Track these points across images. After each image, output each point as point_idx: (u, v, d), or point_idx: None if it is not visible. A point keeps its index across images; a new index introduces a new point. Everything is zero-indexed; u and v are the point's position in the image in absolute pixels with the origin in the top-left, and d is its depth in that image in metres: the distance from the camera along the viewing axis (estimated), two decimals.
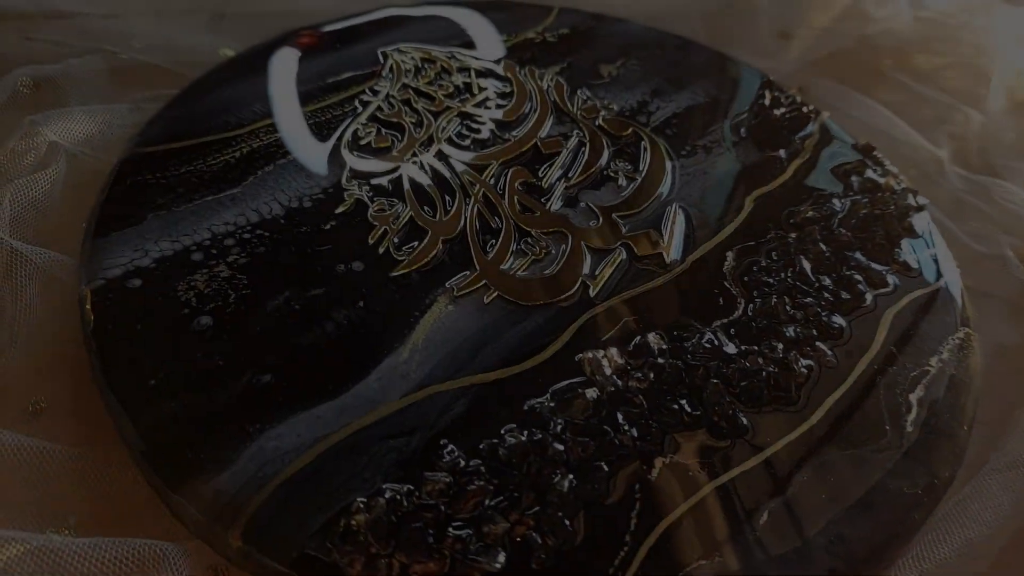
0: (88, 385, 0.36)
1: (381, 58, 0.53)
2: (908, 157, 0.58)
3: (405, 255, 0.40)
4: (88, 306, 0.36)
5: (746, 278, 0.42)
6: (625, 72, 0.56)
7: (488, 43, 0.57)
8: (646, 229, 0.44)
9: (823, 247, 0.44)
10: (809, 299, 0.41)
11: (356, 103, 0.49)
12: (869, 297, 0.42)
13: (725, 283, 0.42)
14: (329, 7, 0.60)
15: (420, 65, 0.53)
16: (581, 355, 0.36)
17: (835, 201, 0.47)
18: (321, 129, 0.47)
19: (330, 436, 0.33)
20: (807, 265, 0.43)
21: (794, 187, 0.48)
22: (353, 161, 0.45)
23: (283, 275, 0.38)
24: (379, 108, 0.49)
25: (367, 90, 0.50)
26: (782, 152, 0.50)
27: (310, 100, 0.49)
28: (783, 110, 0.51)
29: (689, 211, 0.45)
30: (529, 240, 0.42)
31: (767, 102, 0.52)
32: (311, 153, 0.45)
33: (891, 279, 0.43)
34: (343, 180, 0.44)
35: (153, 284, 0.37)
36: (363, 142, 0.46)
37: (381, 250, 0.40)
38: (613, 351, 0.37)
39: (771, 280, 0.42)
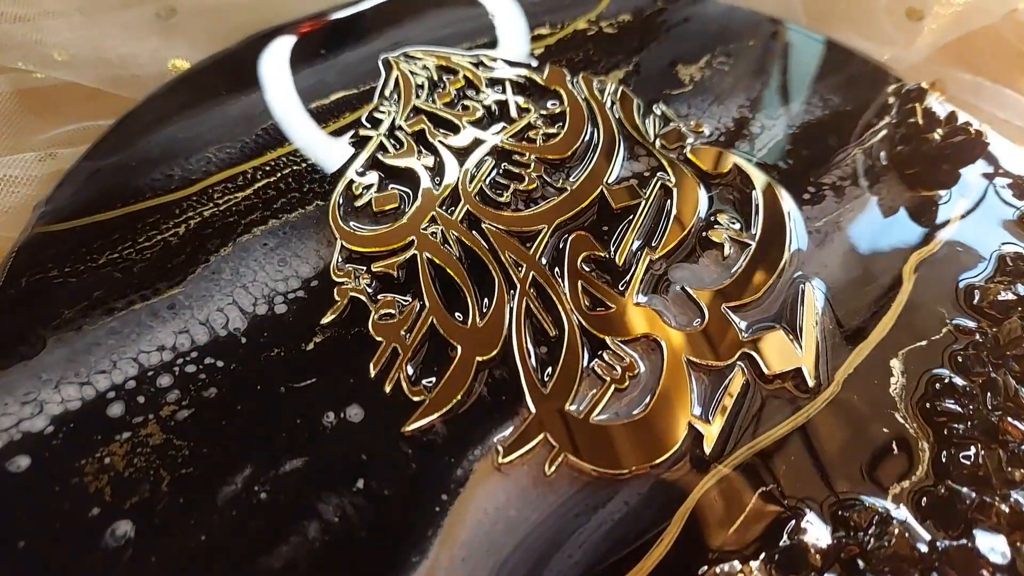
0: None
1: (382, 69, 0.39)
2: None
3: (424, 392, 0.27)
4: None
5: (927, 405, 0.29)
6: (712, 75, 0.41)
7: (524, 39, 0.42)
8: (773, 326, 0.30)
9: None
10: None
11: (348, 139, 0.36)
12: None
13: (897, 416, 0.28)
14: None
15: (436, 78, 0.39)
16: (706, 569, 0.24)
17: None
18: (300, 183, 0.34)
19: None
20: (1013, 382, 0.29)
21: (966, 247, 0.34)
22: (346, 235, 0.31)
23: (243, 437, 0.26)
24: (381, 147, 0.35)
25: (363, 119, 0.37)
26: (942, 193, 0.36)
27: (283, 139, 0.35)
28: (941, 131, 0.37)
29: (828, 292, 0.32)
30: (605, 356, 0.29)
31: (919, 119, 0.37)
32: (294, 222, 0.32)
33: None
34: (333, 266, 0.30)
35: (48, 464, 0.24)
36: (360, 203, 0.33)
37: (388, 386, 0.27)
38: (754, 567, 0.24)
39: (964, 409, 0.28)
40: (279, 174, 0.34)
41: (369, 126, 0.36)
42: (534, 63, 0.41)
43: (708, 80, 0.41)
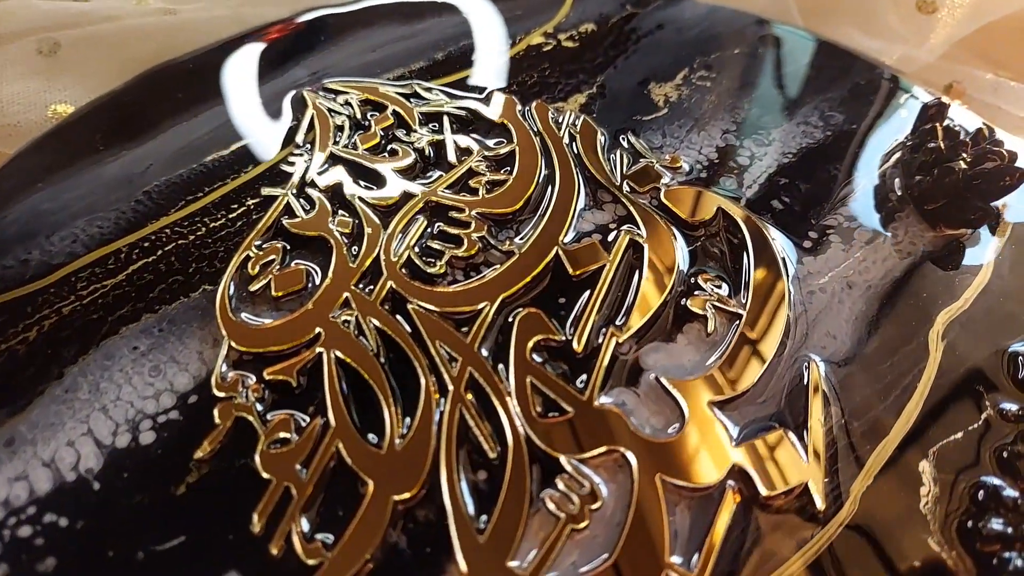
0: None
1: (289, 107, 0.33)
2: None
3: (321, 552, 0.21)
4: None
5: (969, 525, 0.23)
6: (691, 93, 0.35)
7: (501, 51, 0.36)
8: (771, 426, 0.24)
9: None
10: None
11: (248, 202, 0.29)
12: None
13: (931, 541, 0.22)
14: (224, 13, 0.40)
15: (360, 116, 0.33)
16: None
17: None
18: (186, 263, 0.28)
19: None
20: None
21: (1007, 301, 0.28)
22: (235, 330, 0.25)
23: None
24: (287, 210, 0.29)
25: (267, 172, 0.30)
26: (971, 231, 0.30)
27: (168, 205, 0.29)
28: (967, 156, 0.31)
29: (835, 373, 0.26)
30: (560, 483, 0.23)
31: (940, 143, 0.31)
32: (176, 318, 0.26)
33: None
34: (216, 375, 0.24)
35: None
36: (256, 286, 0.27)
37: (276, 546, 0.21)
38: None
39: (1016, 530, 0.22)
40: (160, 251, 0.28)
41: (272, 181, 0.30)
42: (501, 83, 0.34)
43: (686, 100, 0.34)
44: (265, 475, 0.22)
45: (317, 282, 0.27)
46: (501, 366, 0.25)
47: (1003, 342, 0.27)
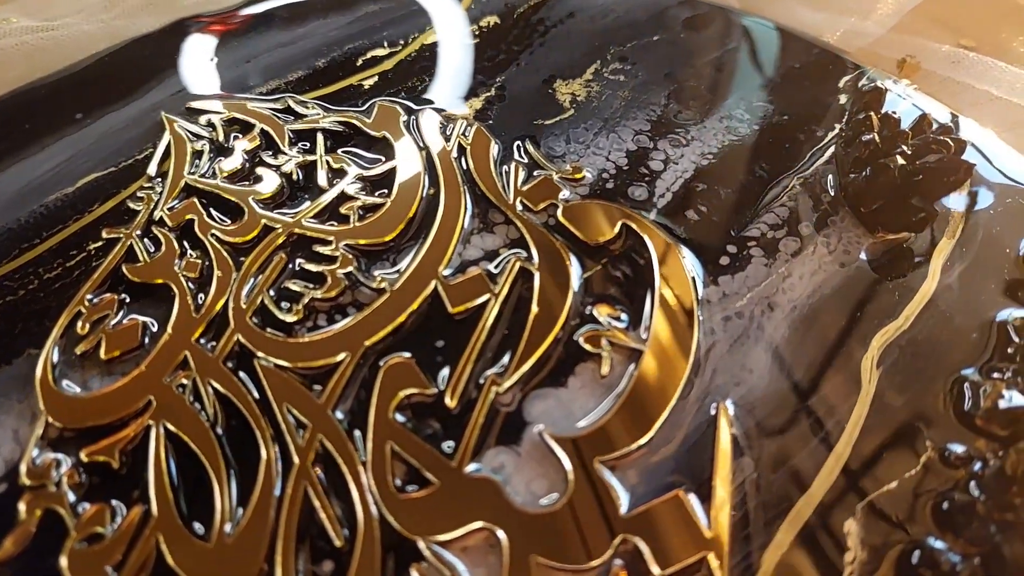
0: None
1: (134, 131, 0.29)
2: None
3: None
4: None
5: None
6: (602, 90, 0.31)
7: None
8: (670, 485, 0.21)
9: None
10: None
11: (89, 247, 0.26)
12: None
13: None
14: (95, 28, 0.36)
15: (223, 138, 0.29)
16: None
17: None
18: (12, 323, 0.24)
19: None
20: None
21: (953, 319, 0.24)
22: (54, 403, 0.22)
23: None
24: (128, 253, 0.26)
25: (112, 211, 0.27)
26: (914, 236, 0.26)
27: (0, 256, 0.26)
28: (908, 148, 0.27)
29: (749, 416, 0.22)
30: (416, 574, 0.19)
31: (875, 133, 0.27)
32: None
33: None
34: (27, 459, 0.21)
35: None
36: (84, 347, 0.24)
37: None
38: None
39: None
40: None
41: (117, 222, 0.26)
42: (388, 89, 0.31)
43: (596, 98, 0.31)
44: None
45: (151, 340, 0.23)
46: (358, 432, 0.21)
47: (951, 368, 0.23)
